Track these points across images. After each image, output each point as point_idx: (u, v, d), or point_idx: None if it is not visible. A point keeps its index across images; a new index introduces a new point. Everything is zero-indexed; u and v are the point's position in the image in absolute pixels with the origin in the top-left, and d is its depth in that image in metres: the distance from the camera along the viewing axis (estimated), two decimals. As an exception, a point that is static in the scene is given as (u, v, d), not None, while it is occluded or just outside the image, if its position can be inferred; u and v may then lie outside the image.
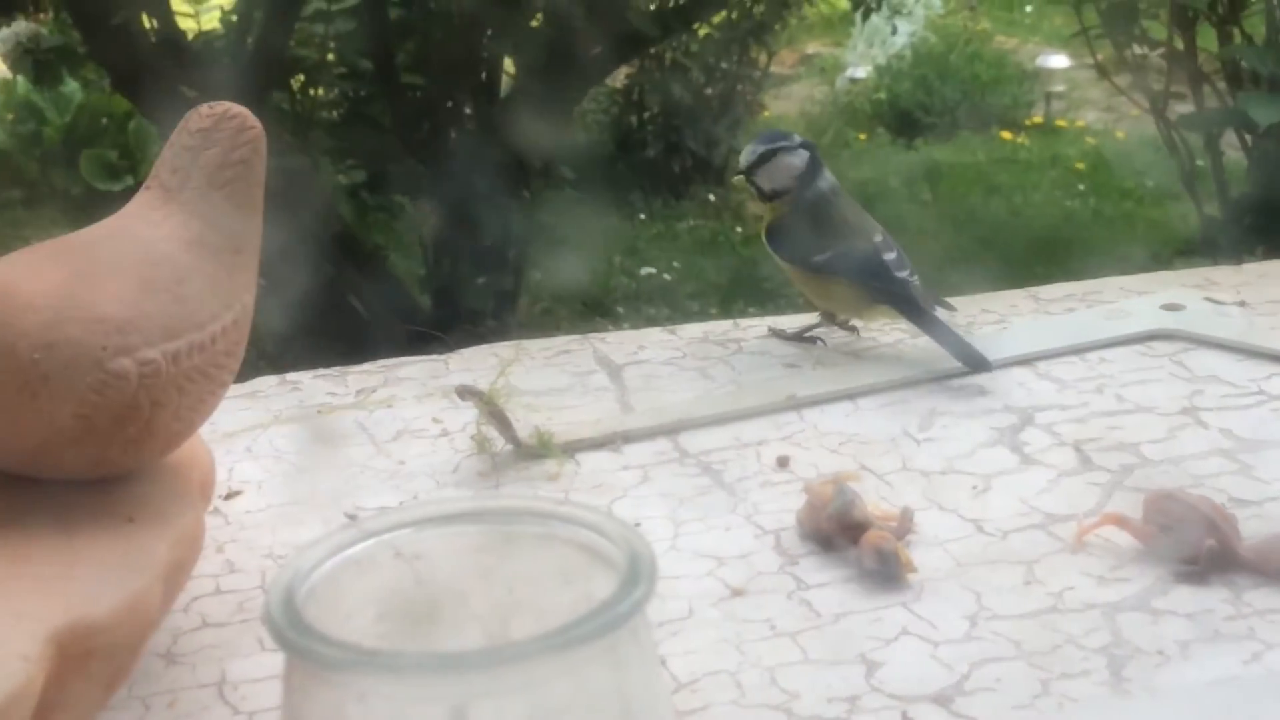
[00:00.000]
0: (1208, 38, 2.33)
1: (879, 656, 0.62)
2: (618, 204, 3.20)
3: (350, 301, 2.54)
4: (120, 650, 0.51)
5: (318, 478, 0.77)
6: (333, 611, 0.44)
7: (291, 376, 0.90)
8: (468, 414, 0.81)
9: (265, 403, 0.87)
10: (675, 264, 2.96)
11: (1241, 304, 0.98)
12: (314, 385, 0.89)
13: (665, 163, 3.32)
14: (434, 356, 0.93)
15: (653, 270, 2.90)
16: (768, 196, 0.96)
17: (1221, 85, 2.32)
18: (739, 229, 3.22)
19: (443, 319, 2.50)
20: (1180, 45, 2.31)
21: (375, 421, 0.84)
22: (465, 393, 0.78)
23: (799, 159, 0.95)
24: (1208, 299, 0.99)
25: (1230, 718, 0.24)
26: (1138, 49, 2.42)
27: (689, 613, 0.66)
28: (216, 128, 0.61)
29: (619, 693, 0.44)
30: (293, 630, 0.41)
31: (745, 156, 0.96)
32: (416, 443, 0.81)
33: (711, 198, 3.38)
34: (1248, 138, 2.29)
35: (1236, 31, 2.24)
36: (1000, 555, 0.69)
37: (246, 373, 0.88)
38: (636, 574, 0.45)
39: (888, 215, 3.42)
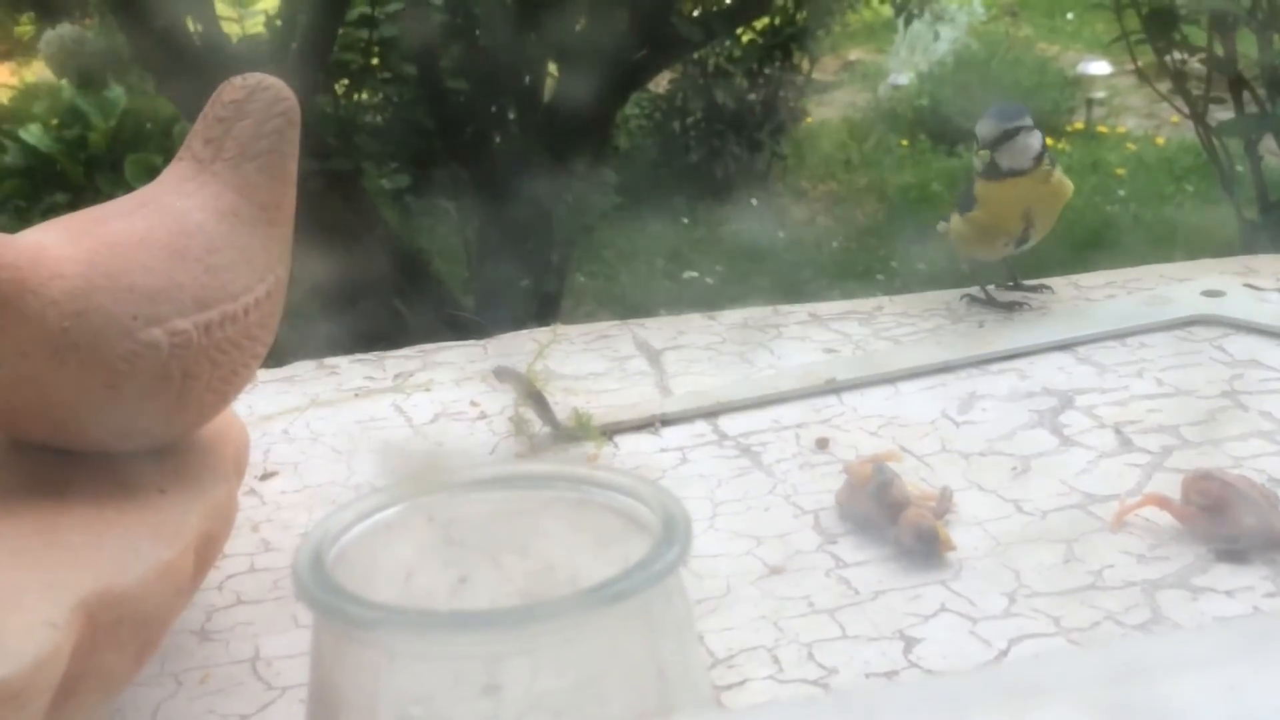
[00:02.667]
0: (1248, 43, 2.31)
1: (917, 633, 0.62)
2: (660, 208, 3.21)
3: (395, 304, 2.55)
4: (150, 621, 0.51)
5: (355, 460, 0.77)
6: (363, 573, 0.45)
7: (329, 361, 0.90)
8: (505, 398, 0.81)
9: (302, 386, 0.87)
10: (718, 268, 2.96)
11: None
12: (352, 369, 0.89)
13: (708, 167, 3.32)
14: (472, 342, 0.93)
15: (695, 274, 2.90)
16: (1001, 174, 0.94)
17: (1261, 92, 2.30)
18: (781, 233, 3.22)
19: (486, 322, 2.50)
20: (1220, 51, 2.29)
21: (413, 405, 0.84)
22: (503, 374, 0.78)
23: (1036, 140, 0.94)
24: (1248, 285, 0.98)
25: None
26: (1178, 55, 2.40)
27: (727, 590, 0.65)
28: (250, 99, 0.61)
29: (652, 657, 0.44)
30: (321, 589, 0.41)
31: (988, 130, 0.94)
32: (454, 425, 0.81)
33: (754, 202, 3.37)
34: (1287, 144, 2.26)
35: (1277, 38, 2.22)
36: (1040, 534, 0.69)
37: (285, 359, 0.89)
38: (671, 536, 0.45)
39: (932, 220, 3.41)
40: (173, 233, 0.58)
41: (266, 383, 0.88)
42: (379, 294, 2.43)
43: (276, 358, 0.87)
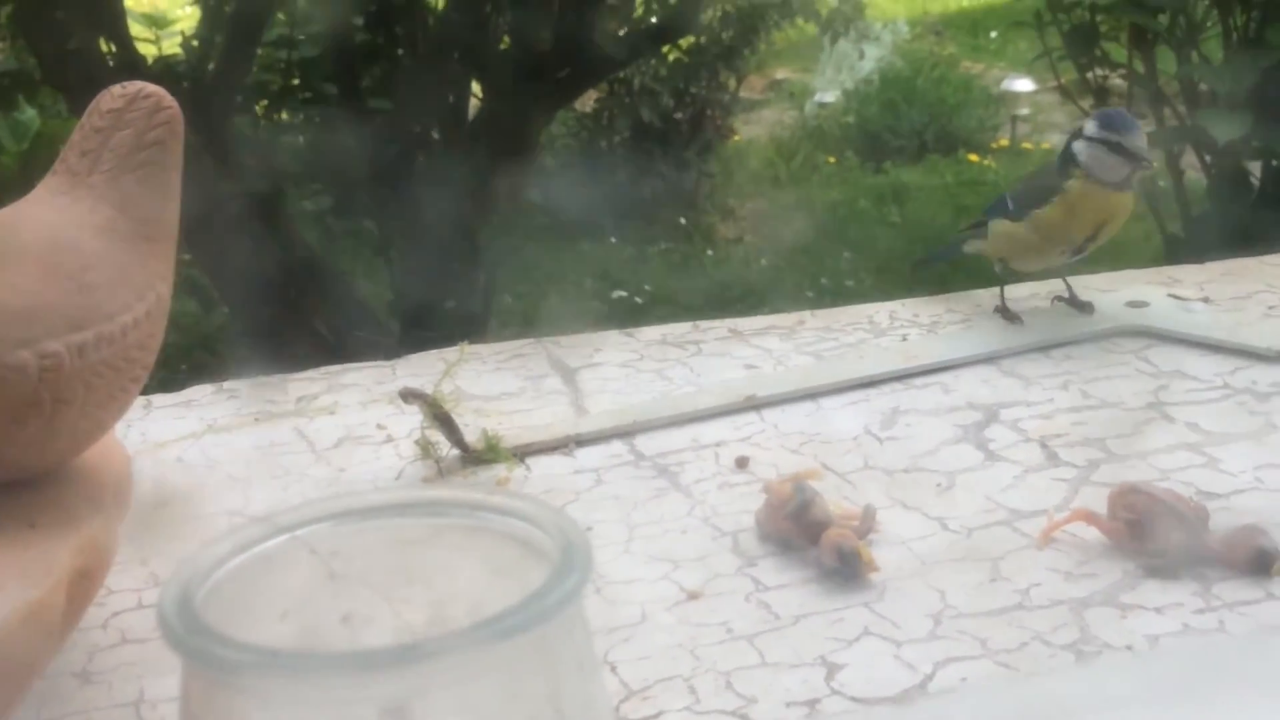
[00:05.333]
0: (1166, 60, 2.33)
1: (840, 658, 0.59)
2: (588, 227, 3.18)
3: (316, 328, 2.51)
4: (17, 665, 0.48)
5: (251, 487, 0.74)
6: (237, 612, 0.41)
7: (229, 385, 0.86)
8: (414, 420, 0.78)
9: (200, 411, 0.83)
10: (647, 287, 2.94)
11: (1205, 300, 0.96)
12: (252, 393, 0.86)
13: (635, 186, 3.30)
14: (380, 363, 0.90)
15: (624, 293, 2.87)
16: (1103, 184, 0.92)
17: (1181, 108, 2.32)
18: (710, 251, 3.20)
19: (410, 344, 2.46)
20: (1140, 67, 2.31)
21: (316, 429, 0.81)
22: (409, 396, 0.75)
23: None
24: (1172, 295, 0.97)
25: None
26: (1099, 71, 2.42)
27: (642, 618, 0.63)
28: (129, 108, 0.57)
29: (551, 695, 0.41)
30: (186, 631, 0.38)
31: (1141, 142, 0.91)
32: (359, 450, 0.78)
33: (682, 221, 3.36)
34: (1207, 157, 2.29)
35: (1195, 54, 2.25)
36: (965, 553, 0.67)
37: (188, 385, 0.85)
38: (570, 563, 0.42)
39: (858, 236, 3.42)
40: (44, 250, 0.54)
41: (161, 408, 0.84)
42: (299, 317, 2.38)
43: (174, 381, 0.84)
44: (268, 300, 2.42)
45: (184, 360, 2.37)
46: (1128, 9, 2.27)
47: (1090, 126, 0.92)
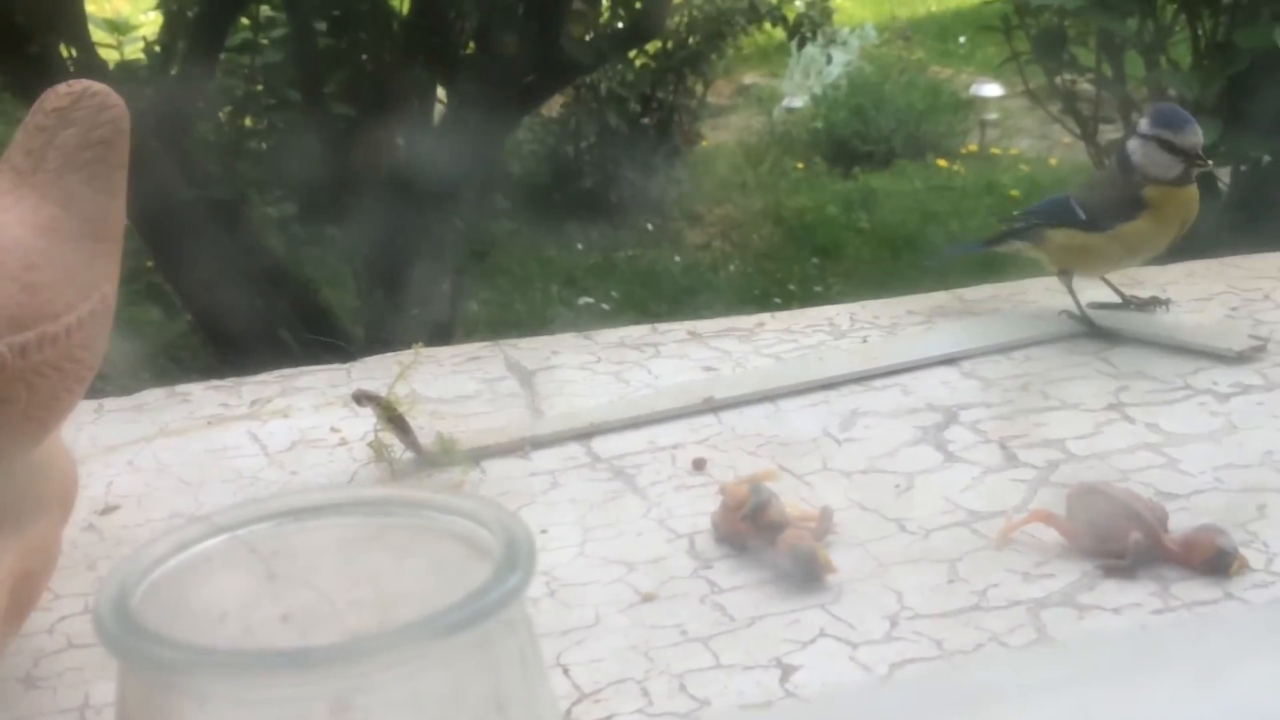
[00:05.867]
0: (1135, 65, 2.34)
1: (795, 660, 0.59)
2: (554, 234, 3.17)
3: (281, 336, 2.49)
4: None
5: (203, 491, 0.72)
6: (174, 613, 0.40)
7: (181, 388, 0.85)
8: (368, 423, 0.77)
9: (152, 415, 0.82)
10: (614, 293, 2.93)
11: (1167, 301, 0.96)
12: (205, 397, 0.84)
13: (602, 192, 3.30)
14: (335, 365, 0.89)
15: (591, 300, 2.87)
16: (1181, 182, 0.90)
17: (1150, 113, 2.33)
18: (678, 258, 3.20)
19: (374, 352, 2.45)
20: (1108, 72, 2.32)
21: (269, 432, 0.80)
22: (363, 398, 0.74)
23: None
24: (1132, 297, 0.97)
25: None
26: (1067, 76, 2.43)
27: (595, 620, 0.62)
28: (75, 106, 0.57)
29: (493, 695, 0.40)
30: (121, 631, 0.37)
31: (1196, 138, 0.89)
32: (312, 452, 0.77)
33: (650, 227, 3.35)
34: (1175, 163, 2.30)
35: (1163, 59, 2.26)
36: (923, 554, 0.67)
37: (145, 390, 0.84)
38: (513, 561, 0.41)
39: (826, 242, 3.42)
40: (-17, 248, 0.53)
41: (112, 411, 0.83)
42: (263, 324, 2.36)
43: (125, 386, 0.82)
44: (231, 307, 2.40)
45: (147, 368, 2.35)
46: (1095, 14, 2.28)
47: (1144, 123, 0.91)
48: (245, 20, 2.56)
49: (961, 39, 4.66)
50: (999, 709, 0.22)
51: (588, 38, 2.86)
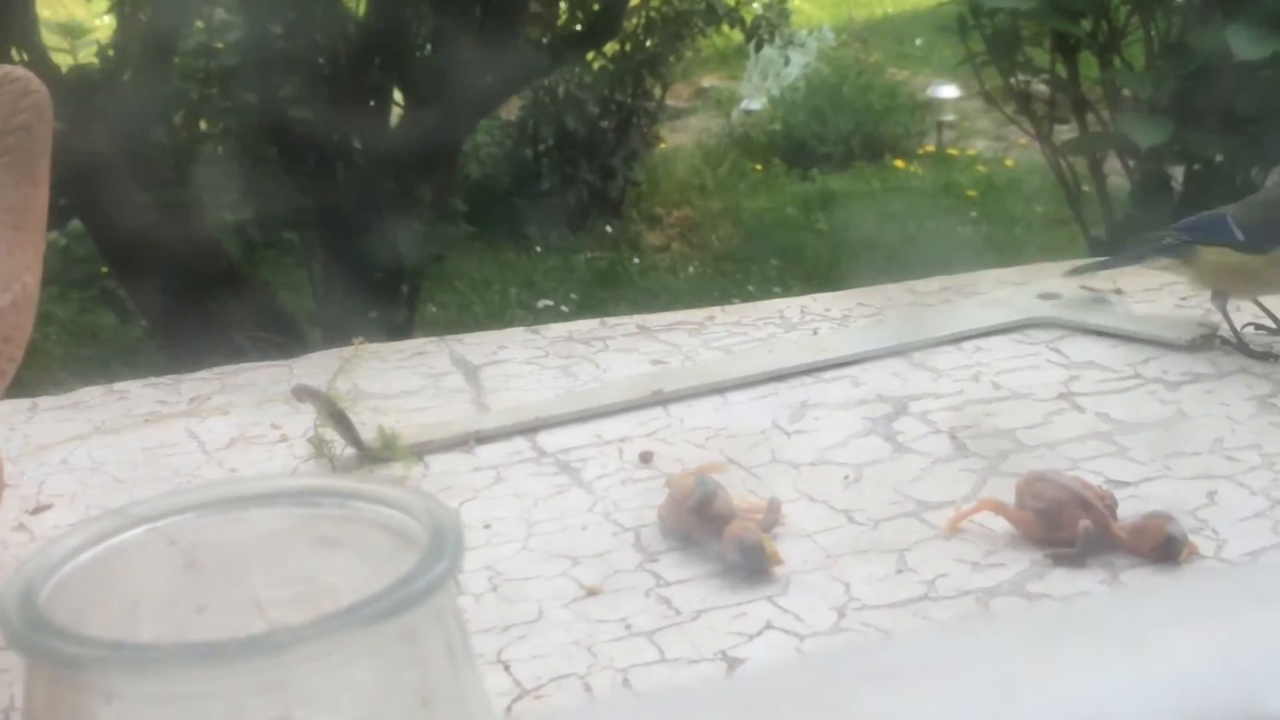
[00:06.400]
0: (1089, 65, 2.35)
1: (741, 653, 0.58)
2: (513, 237, 3.15)
3: (237, 340, 2.46)
4: None
5: (138, 490, 0.71)
6: (87, 607, 0.39)
7: (119, 386, 0.83)
8: (309, 419, 0.76)
9: (87, 414, 0.80)
10: (573, 296, 2.92)
11: (1118, 291, 0.96)
12: (143, 394, 0.83)
13: (561, 195, 3.28)
14: (277, 362, 0.87)
15: (550, 303, 2.85)
16: None
17: (1104, 113, 2.34)
18: (637, 259, 3.19)
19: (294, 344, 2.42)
20: (1063, 73, 2.33)
21: (208, 429, 0.78)
22: (303, 393, 0.72)
23: None
24: (1084, 287, 0.97)
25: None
26: (1022, 76, 2.44)
27: (538, 615, 0.61)
28: (-9, 91, 0.55)
29: (418, 686, 0.39)
30: (25, 626, 0.36)
31: None
32: (252, 450, 0.76)
33: (609, 229, 3.34)
34: (1130, 162, 2.31)
35: (1117, 59, 2.26)
36: (871, 545, 0.66)
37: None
38: (440, 549, 0.40)
39: (785, 243, 3.42)
40: (-103, 237, 0.52)
41: (47, 410, 0.81)
42: (219, 328, 2.34)
43: (62, 383, 0.81)
44: (187, 312, 2.37)
45: (101, 373, 2.32)
46: (1050, 14, 2.28)
47: None
48: (200, 24, 2.53)
49: (918, 41, 4.68)
50: (923, 680, 0.21)
51: (545, 40, 2.85)
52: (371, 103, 2.69)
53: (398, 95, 2.75)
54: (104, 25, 2.88)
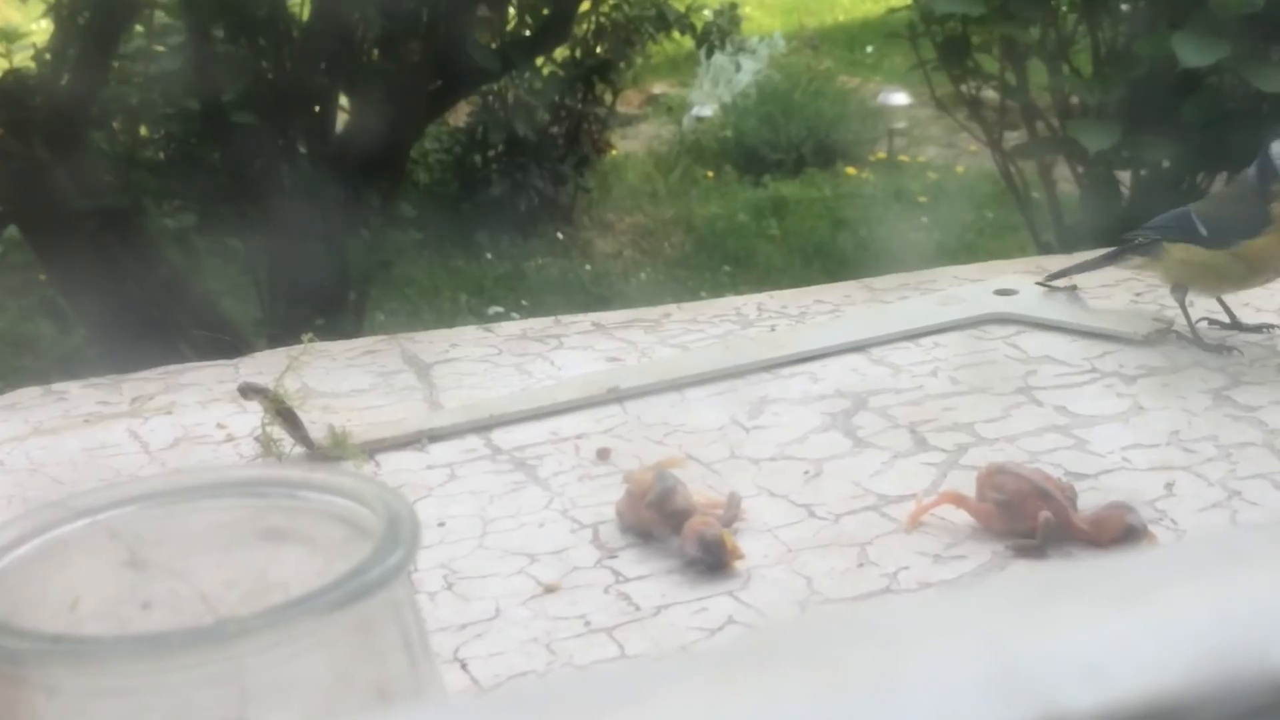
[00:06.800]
0: (1038, 72, 2.37)
1: (703, 648, 0.56)
2: (463, 243, 3.13)
3: (181, 348, 2.42)
4: None
5: (76, 492, 0.69)
6: (24, 602, 0.37)
7: (58, 386, 0.81)
8: (257, 418, 0.74)
9: (24, 414, 0.78)
10: (524, 302, 2.90)
11: (1074, 287, 0.95)
12: (83, 395, 0.80)
13: (511, 201, 3.26)
14: (222, 361, 0.85)
15: (500, 309, 2.83)
16: None
17: (1053, 120, 2.36)
18: (588, 266, 3.17)
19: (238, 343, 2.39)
20: (1012, 79, 2.34)
21: (150, 430, 0.76)
22: (249, 391, 0.71)
23: None
24: (1040, 283, 0.96)
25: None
26: (972, 83, 2.45)
27: (496, 613, 0.60)
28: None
29: (374, 678, 0.38)
30: (-40, 620, 0.34)
31: None
32: (197, 450, 0.74)
33: (560, 236, 3.33)
34: (1079, 168, 2.32)
35: (1065, 66, 2.28)
36: (833, 539, 0.65)
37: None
38: (395, 538, 0.39)
39: (738, 250, 3.42)
40: None
41: (-17, 412, 0.79)
42: (162, 337, 2.30)
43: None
44: (128, 320, 2.33)
45: (38, 384, 2.28)
46: (998, 21, 2.30)
47: None
48: (139, 27, 2.49)
49: (869, 48, 4.70)
50: (912, 639, 0.20)
51: (494, 45, 2.83)
52: (316, 108, 2.66)
53: (344, 100, 2.73)
54: (41, 30, 2.83)
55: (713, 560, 0.62)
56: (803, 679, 0.19)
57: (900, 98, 4.06)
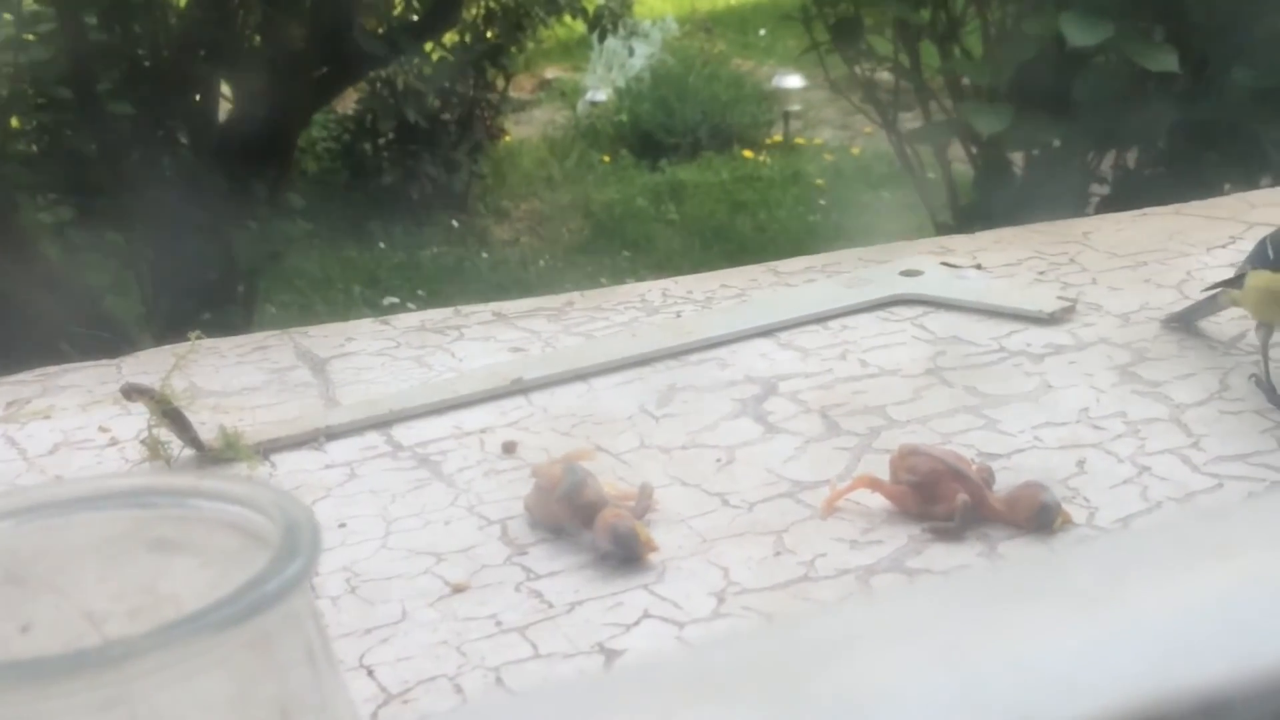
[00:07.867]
0: (931, 54, 2.38)
1: (619, 644, 0.55)
2: (355, 233, 3.07)
3: (62, 348, 2.34)
4: None
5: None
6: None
7: (-74, 391, 0.77)
8: (142, 420, 0.70)
9: (-110, 421, 0.74)
10: (420, 292, 2.85)
11: (978, 267, 0.95)
12: (-46, 399, 0.76)
13: (403, 189, 3.21)
14: (103, 361, 0.81)
15: (396, 299, 2.78)
16: None
17: (947, 101, 2.38)
18: (485, 254, 3.14)
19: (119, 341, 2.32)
20: (905, 61, 2.36)
21: (28, 435, 0.72)
22: (132, 392, 0.67)
23: None
24: (945, 264, 0.96)
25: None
26: (866, 65, 2.46)
27: (402, 615, 0.57)
28: None
29: (277, 697, 0.35)
30: None
31: None
32: (78, 455, 0.70)
33: (455, 224, 3.28)
34: (973, 149, 2.34)
35: (956, 48, 2.30)
36: (748, 527, 0.64)
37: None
38: (293, 548, 0.36)
39: (637, 234, 3.41)
40: None
41: None
42: (41, 336, 2.22)
43: None
44: (3, 320, 2.25)
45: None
46: (890, 3, 2.31)
47: None
48: (7, 15, 2.40)
49: (762, 31, 4.72)
50: (858, 654, 0.18)
51: (380, 30, 2.78)
52: (197, 96, 2.59)
53: (227, 89, 2.65)
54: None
55: (626, 553, 0.60)
56: (761, 706, 0.17)
57: (795, 80, 4.07)
